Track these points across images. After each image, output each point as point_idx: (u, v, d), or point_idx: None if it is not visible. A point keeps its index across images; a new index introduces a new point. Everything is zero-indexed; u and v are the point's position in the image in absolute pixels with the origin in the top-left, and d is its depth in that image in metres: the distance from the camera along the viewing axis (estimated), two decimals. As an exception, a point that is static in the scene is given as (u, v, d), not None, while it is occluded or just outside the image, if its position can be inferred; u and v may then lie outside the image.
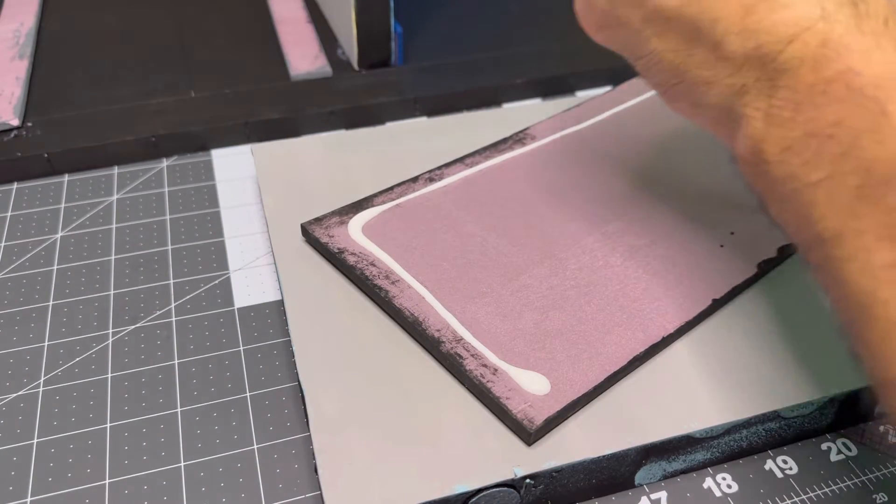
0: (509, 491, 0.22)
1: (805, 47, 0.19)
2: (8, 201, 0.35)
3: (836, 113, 0.18)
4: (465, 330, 0.26)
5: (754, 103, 0.20)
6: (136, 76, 0.42)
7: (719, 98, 0.22)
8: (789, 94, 0.20)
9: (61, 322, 0.29)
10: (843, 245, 0.18)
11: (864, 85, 0.18)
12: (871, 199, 0.18)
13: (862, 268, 0.18)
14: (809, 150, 0.19)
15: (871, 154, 0.18)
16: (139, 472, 0.24)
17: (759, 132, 0.20)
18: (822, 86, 0.19)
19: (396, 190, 0.32)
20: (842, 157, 0.18)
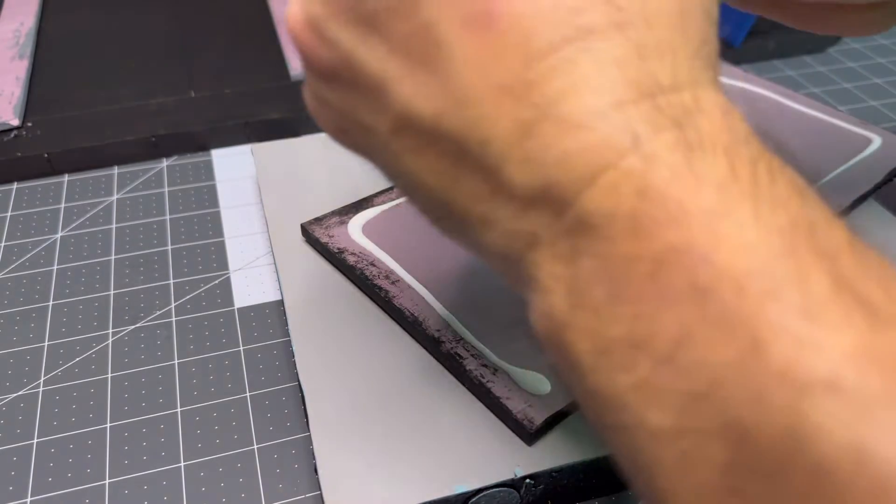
0: (509, 491, 0.22)
1: (615, 196, 0.13)
2: (8, 201, 0.35)
3: (677, 323, 0.12)
4: (465, 330, 0.26)
5: (549, 267, 0.14)
6: (136, 76, 0.42)
7: (501, 247, 0.15)
8: (599, 267, 0.13)
9: (61, 322, 0.29)
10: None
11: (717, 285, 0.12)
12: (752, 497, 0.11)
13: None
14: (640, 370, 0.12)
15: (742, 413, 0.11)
16: (139, 472, 0.24)
17: (559, 313, 0.14)
18: (650, 266, 0.12)
19: (396, 190, 0.32)
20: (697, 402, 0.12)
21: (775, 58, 0.48)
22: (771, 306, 0.11)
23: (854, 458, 0.10)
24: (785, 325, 0.11)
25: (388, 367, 0.25)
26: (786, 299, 0.11)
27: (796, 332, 0.11)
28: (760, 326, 0.11)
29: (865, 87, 0.45)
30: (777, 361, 0.11)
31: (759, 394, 0.11)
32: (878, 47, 0.50)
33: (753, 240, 0.12)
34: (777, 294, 0.11)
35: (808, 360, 0.11)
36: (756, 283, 0.11)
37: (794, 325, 0.11)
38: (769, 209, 0.12)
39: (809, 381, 0.11)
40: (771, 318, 0.11)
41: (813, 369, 0.11)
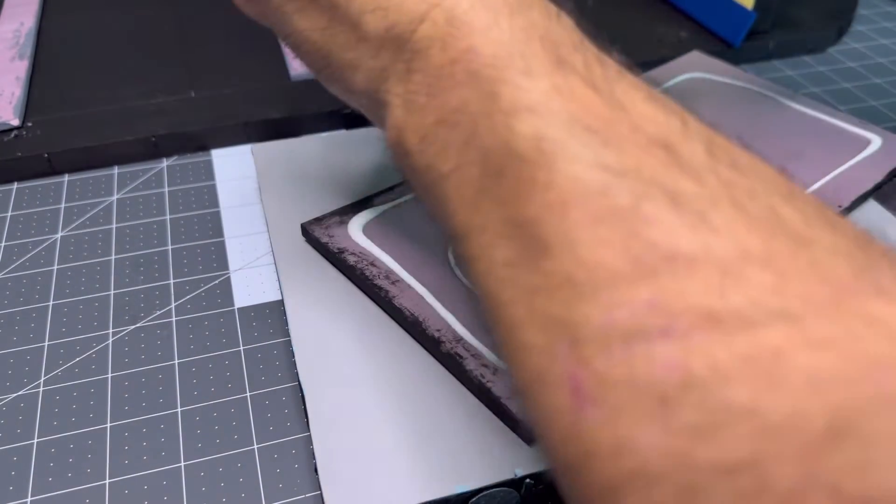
0: (509, 491, 0.22)
1: (434, 27, 0.19)
2: (8, 201, 0.35)
3: (459, 97, 0.18)
4: (465, 330, 0.26)
5: (394, 89, 0.20)
6: (136, 76, 0.42)
7: (365, 83, 0.21)
8: (422, 78, 0.19)
9: (61, 322, 0.29)
10: (470, 243, 0.17)
11: (481, 66, 0.18)
12: (489, 191, 0.17)
13: (486, 268, 0.17)
14: (440, 139, 0.18)
15: (486, 142, 0.17)
16: (139, 472, 0.24)
17: (399, 120, 0.19)
18: (449, 67, 0.18)
19: (396, 190, 0.32)
20: (465, 146, 0.18)
21: (775, 58, 0.48)
22: (506, 71, 0.17)
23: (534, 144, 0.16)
24: (512, 80, 0.17)
25: (388, 367, 0.25)
26: (515, 67, 0.17)
27: (516, 82, 0.17)
28: (498, 83, 0.17)
29: (865, 87, 0.45)
30: (504, 102, 0.17)
31: (493, 126, 0.17)
32: (879, 47, 0.50)
33: (505, 37, 0.18)
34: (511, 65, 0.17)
35: (521, 97, 0.17)
36: (501, 60, 0.18)
37: (516, 79, 0.17)
38: (519, 20, 0.18)
39: (519, 108, 0.17)
40: (505, 77, 0.17)
41: (522, 102, 0.17)
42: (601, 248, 0.14)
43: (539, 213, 0.15)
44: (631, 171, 0.15)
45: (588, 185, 0.15)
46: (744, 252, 0.13)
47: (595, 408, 0.13)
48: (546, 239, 0.15)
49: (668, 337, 0.13)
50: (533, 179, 0.16)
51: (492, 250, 0.16)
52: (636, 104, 0.17)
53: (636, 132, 0.16)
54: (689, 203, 0.14)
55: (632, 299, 0.14)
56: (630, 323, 0.13)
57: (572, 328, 0.14)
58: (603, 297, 0.14)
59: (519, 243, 0.16)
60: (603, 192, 0.15)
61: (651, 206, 0.14)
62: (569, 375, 0.14)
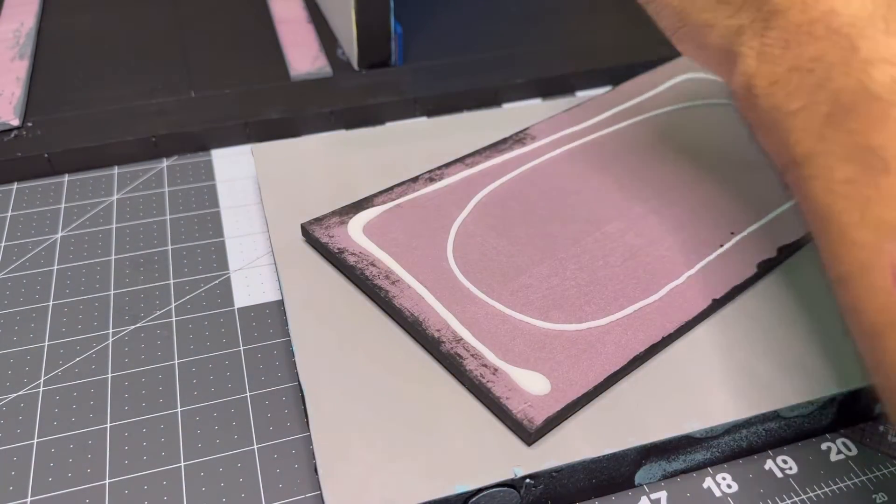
0: (509, 491, 0.22)
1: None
2: (8, 201, 0.35)
3: (816, 49, 0.20)
4: (465, 330, 0.26)
5: (749, 42, 0.23)
6: (136, 76, 0.42)
7: (719, 39, 0.24)
8: (779, 34, 0.22)
9: (61, 322, 0.29)
10: (812, 165, 0.20)
11: (841, 24, 0.20)
12: (836, 124, 0.19)
13: (825, 185, 0.19)
14: (792, 83, 0.21)
15: (839, 84, 0.20)
16: (139, 472, 0.24)
17: (751, 68, 0.22)
18: (808, 26, 0.21)
19: (396, 190, 0.32)
20: (817, 88, 0.20)
21: (775, 58, 0.48)
22: (868, 29, 0.20)
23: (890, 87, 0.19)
24: (874, 36, 0.20)
25: (388, 367, 0.25)
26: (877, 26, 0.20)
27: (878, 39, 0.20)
28: (860, 38, 0.20)
29: (865, 87, 0.45)
30: (863, 53, 0.20)
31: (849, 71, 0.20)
32: (878, 47, 0.49)
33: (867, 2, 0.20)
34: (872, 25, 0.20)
35: (880, 50, 0.19)
36: (862, 20, 0.20)
37: (878, 36, 0.20)
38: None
39: (877, 59, 0.19)
40: (866, 34, 0.20)
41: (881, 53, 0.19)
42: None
43: (886, 141, 0.18)
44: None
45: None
46: None
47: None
48: (888, 161, 0.18)
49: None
50: (885, 114, 0.19)
51: (832, 171, 0.19)
52: None
53: None
54: None
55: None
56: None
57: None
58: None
59: (861, 164, 0.19)
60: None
61: None
62: (892, 263, 0.17)
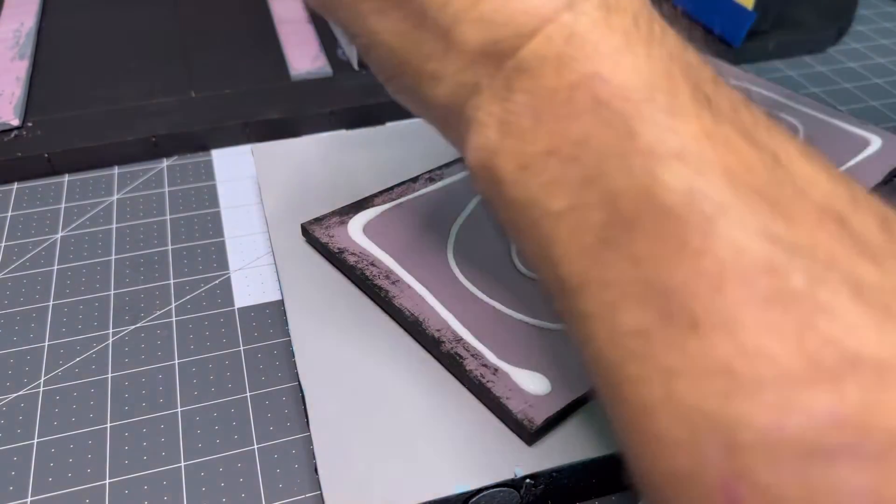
0: (509, 491, 0.22)
1: (548, 44, 0.16)
2: (8, 201, 0.35)
3: (580, 128, 0.16)
4: (465, 330, 0.26)
5: (487, 107, 0.17)
6: (136, 76, 0.42)
7: (446, 97, 0.18)
8: (528, 100, 0.16)
9: (61, 322, 0.29)
10: (587, 299, 0.15)
11: (612, 96, 0.15)
12: (616, 244, 0.15)
13: (608, 333, 0.15)
14: (550, 172, 0.16)
15: (616, 184, 0.15)
16: (139, 472, 0.24)
17: (491, 143, 0.17)
18: (567, 92, 0.16)
19: (396, 190, 0.32)
20: (586, 185, 0.15)
21: (775, 58, 0.48)
22: (645, 107, 0.15)
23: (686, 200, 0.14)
24: (653, 118, 0.15)
25: (388, 367, 0.25)
26: (657, 102, 0.15)
27: (660, 122, 0.15)
28: (636, 120, 0.15)
29: (865, 87, 0.45)
30: (644, 142, 0.15)
31: (629, 168, 0.15)
32: (878, 47, 0.50)
33: (642, 67, 0.16)
34: (651, 99, 0.15)
35: (666, 139, 0.15)
36: (638, 93, 0.15)
37: (659, 118, 0.15)
38: (657, 49, 0.16)
39: (664, 153, 0.15)
40: (644, 114, 0.15)
41: (668, 145, 0.15)
42: (769, 337, 0.12)
43: (688, 282, 0.13)
44: (805, 247, 0.13)
45: (754, 258, 0.13)
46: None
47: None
48: (695, 313, 0.13)
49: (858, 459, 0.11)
50: (682, 240, 0.14)
51: (617, 313, 0.14)
52: (794, 161, 0.14)
53: (803, 198, 0.14)
54: (871, 294, 0.12)
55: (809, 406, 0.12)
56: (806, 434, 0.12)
57: (727, 428, 0.12)
58: (769, 398, 0.12)
59: (656, 311, 0.14)
60: (772, 269, 0.13)
61: (829, 294, 0.12)
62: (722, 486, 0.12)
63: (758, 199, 0.13)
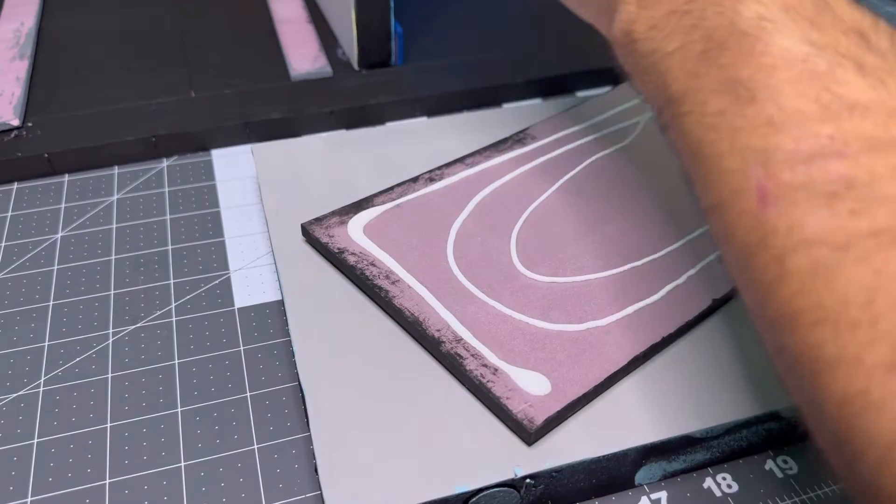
0: (509, 491, 0.22)
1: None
2: (8, 201, 0.35)
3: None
4: (465, 330, 0.26)
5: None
6: (136, 76, 0.42)
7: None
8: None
9: (61, 322, 0.29)
10: (686, 101, 0.21)
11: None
12: (710, 60, 0.20)
13: (698, 119, 0.20)
14: (669, 26, 0.22)
15: (712, 23, 0.21)
16: (139, 472, 0.24)
17: (632, 15, 0.23)
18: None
19: (396, 190, 0.32)
20: (692, 28, 0.21)
21: (775, 58, 0.48)
22: None
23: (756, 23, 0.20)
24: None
25: (388, 368, 0.25)
26: None
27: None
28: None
29: (865, 87, 0.45)
30: None
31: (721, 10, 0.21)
32: (878, 47, 0.49)
33: None
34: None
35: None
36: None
37: None
38: None
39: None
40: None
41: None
42: (799, 98, 0.18)
43: (753, 73, 0.19)
44: (830, 46, 0.19)
45: (795, 53, 0.19)
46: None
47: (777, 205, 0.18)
48: (755, 91, 0.19)
49: (841, 157, 0.17)
50: (752, 48, 0.19)
51: (704, 104, 0.20)
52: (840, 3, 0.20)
53: (837, 21, 0.20)
54: (872, 71, 0.18)
55: (817, 133, 0.18)
56: (813, 149, 0.17)
57: (765, 154, 0.18)
58: (794, 132, 0.18)
59: (731, 96, 0.20)
60: (805, 59, 0.19)
61: (842, 71, 0.18)
62: (758, 186, 0.18)
63: (802, 20, 0.19)
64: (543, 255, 0.29)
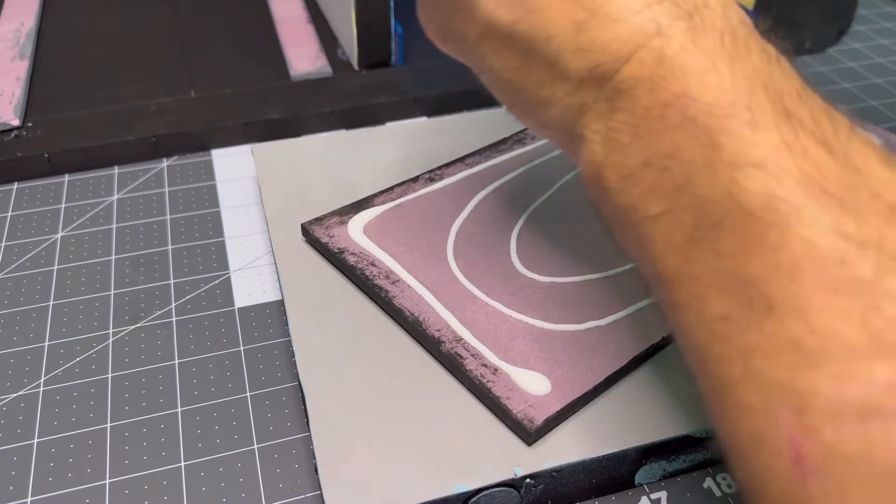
0: (509, 491, 0.22)
1: (641, 67, 0.18)
2: (8, 201, 0.35)
3: (672, 142, 0.17)
4: (465, 330, 0.26)
5: (593, 125, 0.19)
6: (136, 76, 0.42)
7: (560, 118, 0.21)
8: (627, 118, 0.18)
9: (61, 322, 0.29)
10: (680, 290, 0.17)
11: (698, 113, 0.17)
12: (704, 241, 0.16)
13: (696, 319, 0.16)
14: (647, 181, 0.18)
15: (703, 191, 0.16)
16: (139, 472, 0.24)
17: (598, 156, 0.19)
18: (659, 110, 0.18)
19: (396, 190, 0.32)
20: (678, 192, 0.17)
21: (775, 58, 0.48)
22: (729, 121, 0.17)
23: (765, 202, 0.15)
24: (736, 132, 0.16)
25: (388, 367, 0.25)
26: (739, 117, 0.16)
27: (743, 135, 0.16)
28: (721, 134, 0.16)
29: (865, 87, 0.45)
30: (728, 153, 0.16)
31: (714, 176, 0.16)
32: (878, 47, 0.50)
33: (727, 85, 0.17)
34: (735, 115, 0.17)
35: (747, 151, 0.16)
36: (722, 110, 0.17)
37: (742, 132, 0.16)
38: (741, 66, 0.17)
39: (745, 163, 0.16)
40: (728, 129, 0.16)
41: (749, 156, 0.16)
42: (836, 318, 0.14)
43: (766, 272, 0.15)
44: (873, 241, 0.14)
45: (825, 251, 0.14)
46: None
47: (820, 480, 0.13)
48: (771, 299, 0.15)
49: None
50: (761, 237, 0.15)
51: (704, 302, 0.16)
52: (872, 167, 0.16)
53: (875, 199, 0.15)
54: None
55: (869, 376, 0.13)
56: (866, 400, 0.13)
57: (796, 395, 0.14)
58: (835, 369, 0.14)
59: (737, 299, 0.15)
60: (842, 261, 0.14)
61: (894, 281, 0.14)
62: (790, 442, 0.14)
63: (830, 200, 0.15)
64: (543, 254, 0.29)
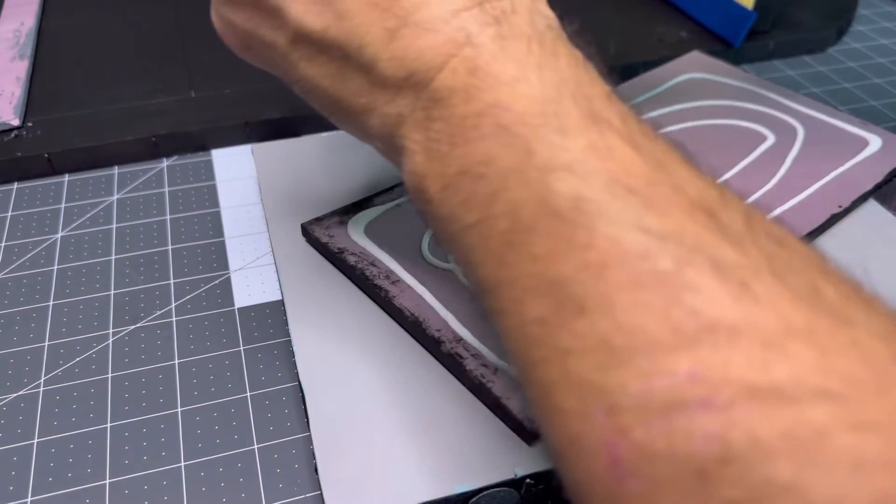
0: (509, 491, 0.22)
1: (455, 76, 0.18)
2: (8, 201, 0.35)
3: (486, 150, 0.17)
4: (465, 330, 0.26)
5: (413, 135, 0.19)
6: (136, 76, 0.42)
7: (380, 128, 0.20)
8: (444, 127, 0.18)
9: (61, 322, 0.29)
10: (498, 296, 0.17)
11: (511, 122, 0.17)
12: (518, 246, 0.16)
13: (516, 324, 0.16)
14: (464, 190, 0.18)
15: (517, 196, 0.17)
16: (139, 472, 0.24)
17: (420, 167, 0.19)
18: (474, 119, 0.18)
19: (396, 190, 0.32)
20: (492, 199, 0.17)
21: (775, 58, 0.48)
22: (540, 129, 0.17)
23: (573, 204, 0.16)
24: (546, 138, 0.17)
25: (388, 367, 0.25)
26: (549, 125, 0.17)
27: (552, 141, 0.17)
28: (532, 141, 0.17)
29: (865, 87, 0.45)
30: (539, 159, 0.17)
31: (526, 181, 0.16)
32: (879, 47, 0.50)
33: (537, 94, 0.17)
34: (545, 123, 0.17)
35: (557, 155, 0.16)
36: (534, 118, 0.17)
37: (552, 137, 0.17)
38: (549, 73, 0.18)
39: (555, 167, 0.16)
40: (539, 135, 0.17)
41: (559, 160, 0.16)
42: (640, 313, 0.14)
43: (575, 272, 0.15)
44: (673, 234, 0.15)
45: (629, 247, 0.15)
46: (787, 326, 0.13)
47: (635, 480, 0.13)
48: (581, 299, 0.15)
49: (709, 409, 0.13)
50: (570, 238, 0.15)
51: (521, 306, 0.16)
52: (676, 165, 0.16)
53: (678, 194, 0.16)
54: (731, 272, 0.14)
55: (672, 369, 0.13)
56: (669, 393, 0.13)
57: (608, 394, 0.14)
58: (641, 365, 0.14)
59: (551, 301, 0.15)
60: (644, 255, 0.15)
61: (693, 273, 0.14)
62: (606, 444, 0.14)
63: (634, 198, 0.15)
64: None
